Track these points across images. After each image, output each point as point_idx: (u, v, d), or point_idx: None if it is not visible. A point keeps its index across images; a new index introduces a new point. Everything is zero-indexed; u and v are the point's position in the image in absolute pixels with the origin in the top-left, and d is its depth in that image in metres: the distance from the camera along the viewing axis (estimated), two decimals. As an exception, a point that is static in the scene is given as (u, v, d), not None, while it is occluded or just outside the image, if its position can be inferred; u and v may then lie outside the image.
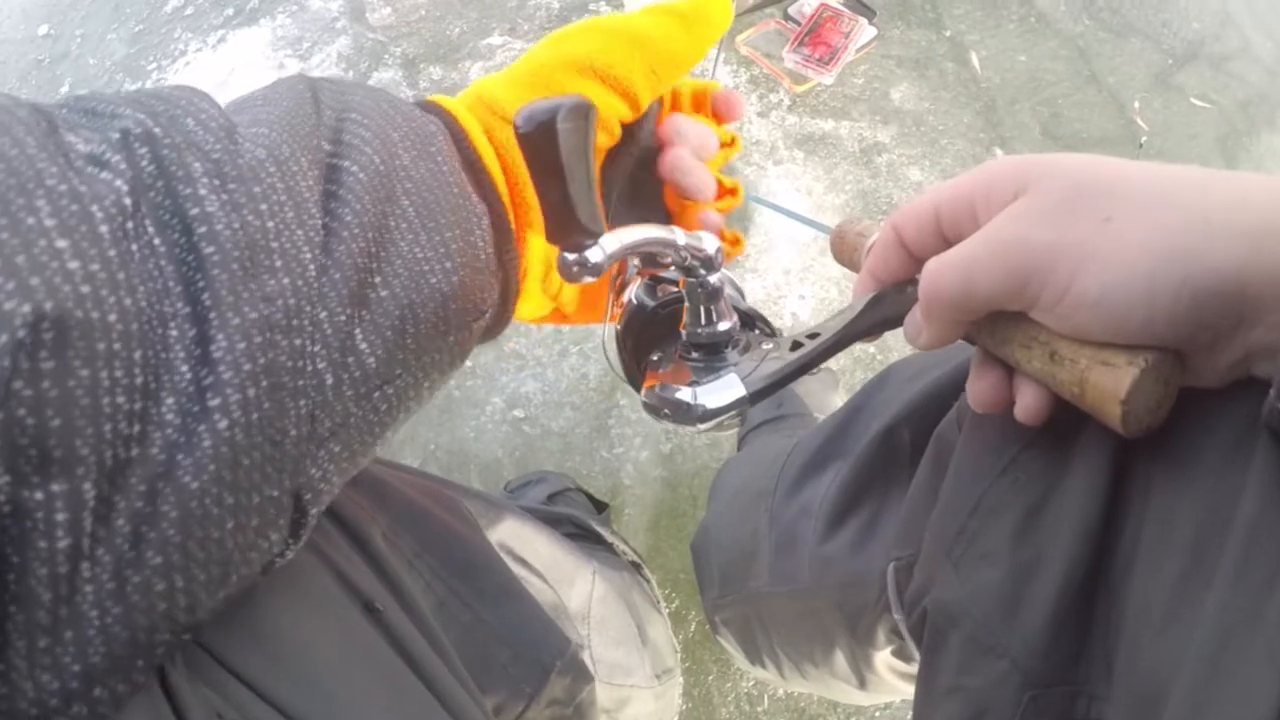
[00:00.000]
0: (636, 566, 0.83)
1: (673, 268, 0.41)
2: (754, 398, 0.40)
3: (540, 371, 1.15)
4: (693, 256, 0.39)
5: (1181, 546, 0.30)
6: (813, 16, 1.39)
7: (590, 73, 0.42)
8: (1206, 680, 0.27)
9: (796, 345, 0.40)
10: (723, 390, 0.40)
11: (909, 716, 0.95)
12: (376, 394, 0.33)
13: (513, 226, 0.42)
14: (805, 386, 1.00)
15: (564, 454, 1.10)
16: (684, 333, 0.43)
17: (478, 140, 0.40)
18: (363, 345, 0.32)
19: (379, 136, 0.35)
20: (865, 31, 1.39)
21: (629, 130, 0.46)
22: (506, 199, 0.41)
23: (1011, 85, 1.43)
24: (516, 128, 0.30)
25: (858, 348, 1.15)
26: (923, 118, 1.38)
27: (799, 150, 1.34)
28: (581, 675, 0.57)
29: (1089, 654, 0.34)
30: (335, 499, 0.41)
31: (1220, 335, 0.28)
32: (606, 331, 0.47)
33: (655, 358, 0.44)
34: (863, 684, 0.61)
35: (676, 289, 0.45)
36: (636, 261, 0.45)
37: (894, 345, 1.16)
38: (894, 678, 0.58)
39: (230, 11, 1.57)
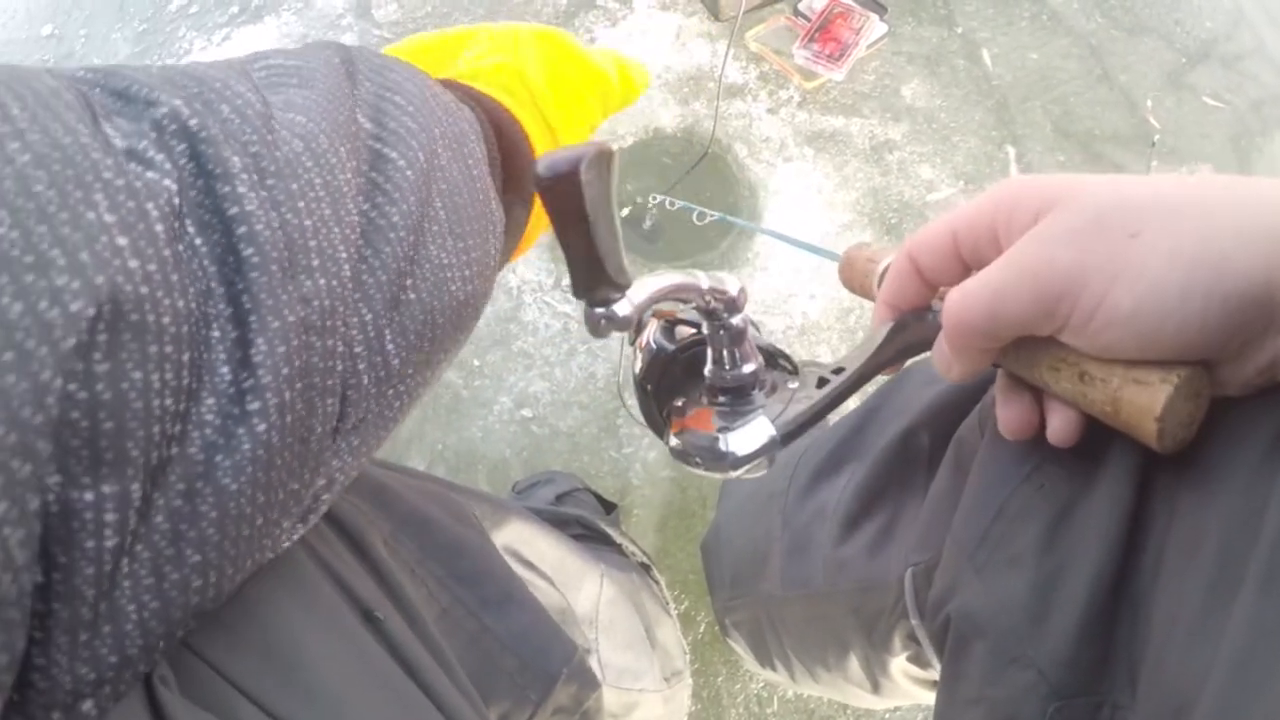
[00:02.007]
0: (645, 568, 0.82)
1: (695, 311, 0.40)
2: (784, 439, 0.39)
3: (548, 371, 1.14)
4: (716, 299, 0.39)
5: (1208, 557, 0.30)
6: (823, 12, 1.38)
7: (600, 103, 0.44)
8: (1233, 692, 0.26)
9: (823, 382, 0.39)
10: (753, 434, 0.39)
11: (919, 719, 0.95)
12: (390, 391, 0.33)
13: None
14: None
15: (572, 454, 1.09)
16: (708, 376, 0.42)
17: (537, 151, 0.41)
18: (390, 346, 0.32)
19: (424, 130, 0.35)
20: (876, 28, 1.38)
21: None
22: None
23: (1023, 83, 1.42)
24: (537, 178, 0.29)
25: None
26: (934, 115, 1.37)
27: (809, 147, 1.33)
28: (588, 682, 0.56)
29: (1113, 664, 0.34)
30: (336, 504, 0.41)
31: (1250, 341, 0.28)
32: (622, 375, 0.46)
33: (679, 403, 0.43)
34: (876, 689, 0.60)
35: (694, 331, 0.44)
36: (652, 317, 0.45)
37: (905, 345, 1.15)
38: (909, 683, 0.57)
39: (235, 9, 1.56)
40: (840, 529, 0.58)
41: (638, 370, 0.45)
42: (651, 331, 0.44)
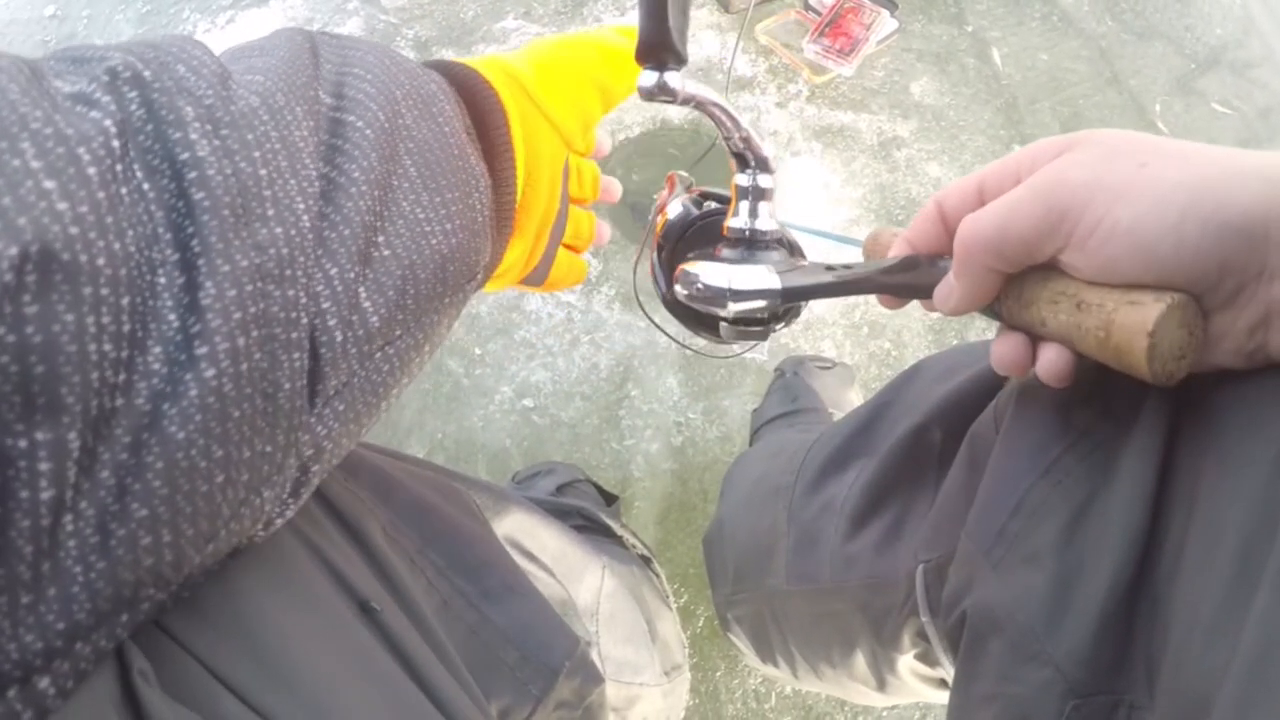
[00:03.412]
0: (646, 560, 0.82)
1: (730, 154, 0.42)
2: (785, 294, 0.41)
3: (550, 361, 1.13)
4: (749, 147, 0.40)
5: (1227, 555, 0.29)
6: (834, 7, 1.37)
7: (598, 87, 0.45)
8: (1250, 690, 0.26)
9: (831, 269, 0.41)
10: (756, 274, 0.41)
11: (917, 717, 0.95)
12: (379, 354, 0.33)
13: (517, 204, 0.42)
14: (821, 382, 0.99)
15: (573, 445, 1.08)
16: (727, 226, 0.43)
17: (513, 117, 0.41)
18: (366, 304, 0.32)
19: (383, 93, 0.35)
20: (887, 24, 1.37)
21: None
22: (522, 176, 0.42)
23: (1032, 83, 1.41)
24: None
25: (874, 343, 1.14)
26: (943, 113, 1.36)
27: (817, 142, 1.32)
28: (591, 676, 0.56)
29: (1130, 662, 0.34)
30: (334, 492, 0.40)
31: (1244, 284, 0.29)
32: (640, 255, 0.47)
33: (691, 255, 0.45)
34: (882, 686, 0.60)
35: (720, 205, 0.45)
36: (684, 190, 0.46)
37: (909, 341, 1.15)
38: (916, 681, 0.57)
39: (240, -9, 1.55)
40: (849, 524, 0.57)
41: (660, 235, 0.46)
42: (679, 199, 0.45)
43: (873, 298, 0.42)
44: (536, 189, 0.43)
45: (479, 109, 0.41)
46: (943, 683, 0.56)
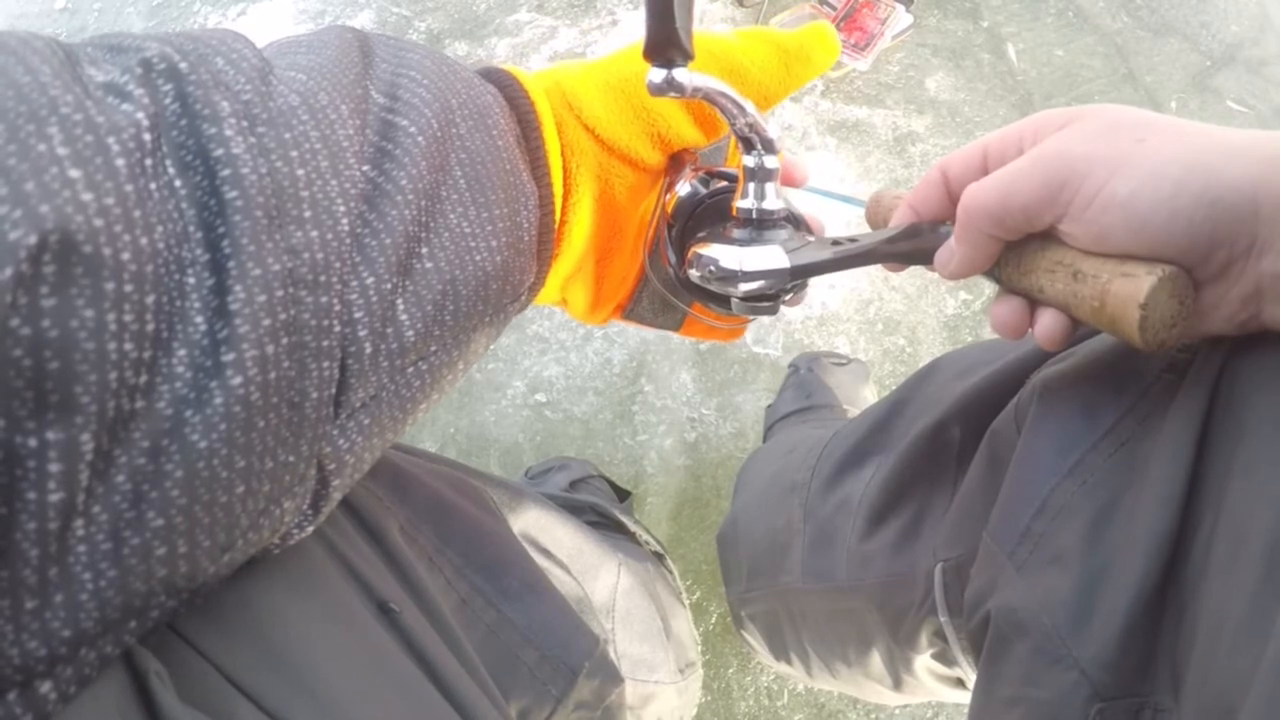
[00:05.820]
0: (659, 557, 0.81)
1: (736, 138, 0.43)
2: (794, 273, 0.42)
3: (563, 355, 1.13)
4: (755, 131, 0.41)
5: (1255, 555, 0.29)
6: (849, 2, 1.36)
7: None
8: (1277, 694, 0.26)
9: (836, 243, 0.42)
10: (766, 255, 0.42)
11: (930, 715, 0.94)
12: (410, 369, 0.32)
13: (557, 222, 0.41)
14: (835, 378, 0.99)
15: (586, 440, 1.08)
16: (736, 207, 0.44)
17: (547, 130, 0.40)
18: (403, 316, 0.31)
19: (438, 99, 0.34)
20: (902, 19, 1.36)
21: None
22: (559, 194, 0.40)
23: (1048, 80, 1.40)
24: None
25: (888, 339, 1.13)
26: (958, 108, 1.35)
27: (831, 137, 1.31)
28: (611, 677, 0.55)
29: (1156, 665, 0.34)
30: (352, 490, 0.39)
31: (1235, 258, 0.30)
32: (651, 234, 0.47)
33: (702, 235, 0.45)
34: (898, 685, 0.60)
35: (728, 183, 0.46)
36: (691, 170, 0.47)
37: (924, 338, 1.14)
38: (932, 680, 0.57)
39: (252, -17, 1.55)
40: (865, 522, 0.57)
41: (669, 214, 0.46)
42: (688, 179, 0.46)
43: (885, 293, 0.42)
44: (577, 208, 0.42)
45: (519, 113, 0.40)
46: (959, 682, 0.56)
